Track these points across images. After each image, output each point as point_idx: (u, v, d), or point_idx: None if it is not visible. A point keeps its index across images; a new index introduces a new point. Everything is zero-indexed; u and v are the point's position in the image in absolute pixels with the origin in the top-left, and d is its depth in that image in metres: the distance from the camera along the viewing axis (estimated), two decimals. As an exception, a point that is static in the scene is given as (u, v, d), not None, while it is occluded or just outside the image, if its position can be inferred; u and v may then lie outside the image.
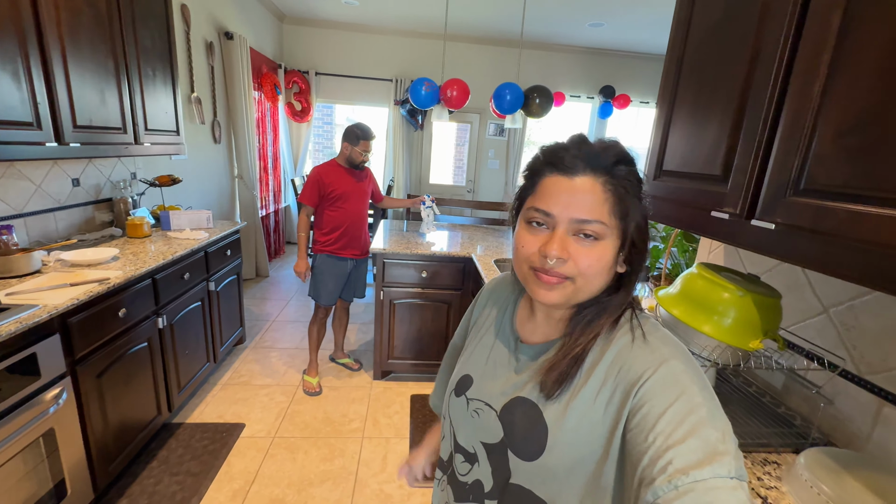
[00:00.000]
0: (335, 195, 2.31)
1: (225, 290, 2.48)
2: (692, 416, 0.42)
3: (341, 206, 2.34)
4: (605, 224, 0.49)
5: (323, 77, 4.99)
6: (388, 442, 2.06)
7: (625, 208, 0.50)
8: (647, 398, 0.45)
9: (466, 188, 5.66)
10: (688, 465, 0.39)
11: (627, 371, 0.48)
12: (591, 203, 0.50)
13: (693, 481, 0.38)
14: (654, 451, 0.41)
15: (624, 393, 0.48)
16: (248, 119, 3.73)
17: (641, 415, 0.44)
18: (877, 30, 0.58)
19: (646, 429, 0.43)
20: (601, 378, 0.50)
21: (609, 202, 0.50)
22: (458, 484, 0.65)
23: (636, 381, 0.47)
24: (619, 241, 0.51)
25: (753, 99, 0.78)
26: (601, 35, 4.65)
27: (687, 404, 0.43)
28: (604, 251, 0.50)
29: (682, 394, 0.44)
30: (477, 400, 0.62)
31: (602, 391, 0.50)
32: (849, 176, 0.60)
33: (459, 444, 0.64)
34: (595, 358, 0.52)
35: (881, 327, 0.83)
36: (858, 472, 0.74)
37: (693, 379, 0.45)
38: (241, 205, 3.94)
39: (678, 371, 0.46)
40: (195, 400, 2.25)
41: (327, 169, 2.33)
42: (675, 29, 1.04)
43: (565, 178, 0.51)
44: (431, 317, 2.47)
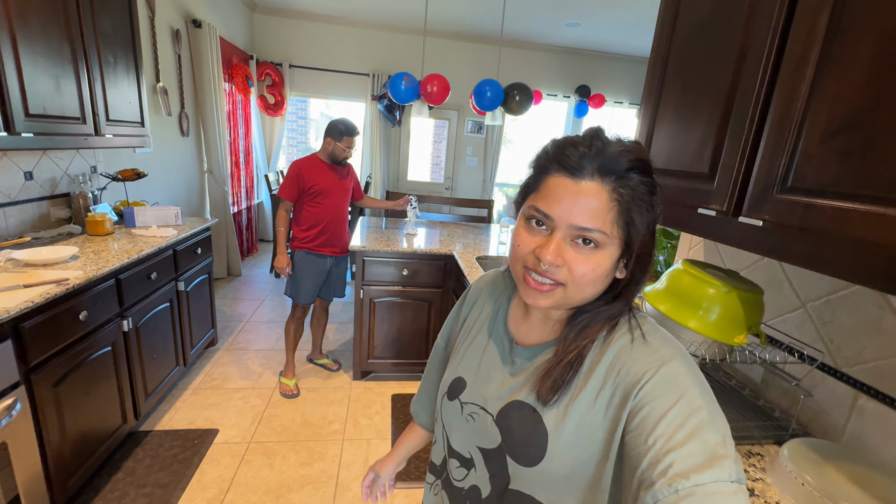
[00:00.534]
0: (315, 190, 2.26)
1: (195, 291, 2.37)
2: (693, 419, 0.41)
3: (321, 202, 2.28)
4: (605, 234, 0.47)
5: (297, 70, 4.84)
6: (369, 443, 2.02)
7: (630, 218, 0.47)
8: (648, 400, 0.44)
9: (444, 185, 5.64)
10: (688, 469, 0.38)
11: (627, 372, 0.48)
12: (594, 210, 0.47)
13: (693, 485, 0.37)
14: (654, 453, 0.41)
15: (624, 394, 0.47)
16: (219, 111, 3.58)
17: (642, 416, 0.44)
18: (864, 33, 0.59)
19: (646, 431, 0.43)
20: (600, 380, 0.50)
21: (614, 211, 0.47)
22: (453, 489, 0.64)
23: (636, 382, 0.46)
24: (619, 250, 0.49)
25: (740, 99, 0.79)
26: (577, 35, 4.71)
27: (687, 407, 0.42)
28: (601, 261, 0.48)
29: (682, 396, 0.43)
30: (472, 404, 0.60)
31: (602, 393, 0.49)
32: (837, 174, 0.61)
33: (454, 449, 0.63)
34: (594, 360, 0.51)
35: (857, 322, 0.86)
36: (838, 462, 0.77)
37: (694, 381, 0.45)
38: (212, 201, 3.78)
39: (679, 372, 0.45)
40: (164, 406, 2.14)
41: (308, 163, 2.28)
42: (660, 29, 1.05)
43: (571, 180, 0.48)
44: (412, 315, 2.44)
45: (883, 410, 0.81)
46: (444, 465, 0.66)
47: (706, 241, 1.31)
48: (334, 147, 2.25)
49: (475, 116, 5.31)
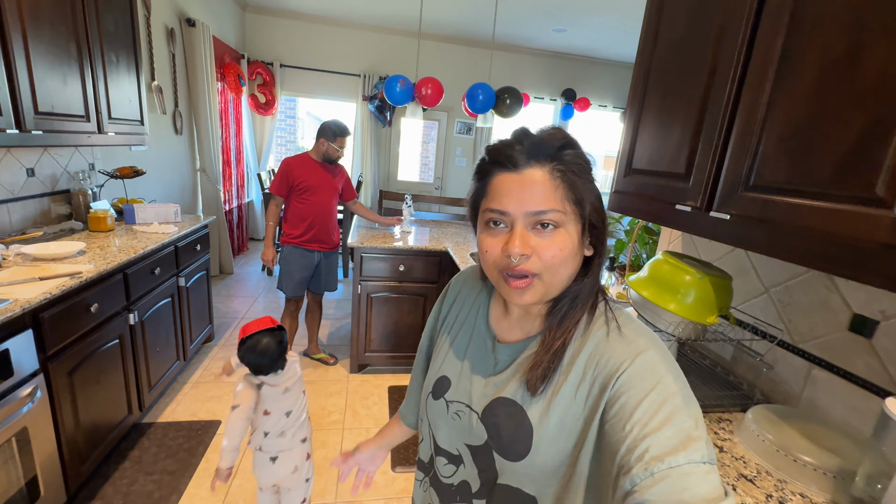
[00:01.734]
0: (302, 186, 2.35)
1: (194, 286, 2.42)
2: (667, 405, 0.43)
3: (308, 198, 2.37)
4: (559, 211, 0.49)
5: (288, 69, 4.87)
6: (368, 432, 2.10)
7: (578, 192, 0.50)
8: (625, 389, 0.46)
9: (434, 185, 5.73)
10: (663, 453, 0.40)
11: (605, 364, 0.49)
12: (543, 193, 0.49)
13: (668, 467, 0.39)
14: (631, 439, 0.42)
15: (602, 385, 0.49)
16: (212, 110, 3.60)
17: (619, 405, 0.45)
18: (809, 57, 0.71)
19: (623, 419, 0.44)
20: (580, 373, 0.51)
21: (561, 188, 0.49)
22: (442, 486, 0.64)
23: (614, 372, 0.48)
24: (578, 227, 0.51)
25: (711, 107, 0.91)
26: (564, 40, 4.87)
27: (662, 393, 0.44)
28: (564, 239, 0.49)
29: (657, 383, 0.45)
30: (457, 402, 0.61)
31: (581, 385, 0.51)
32: (788, 174, 0.73)
33: (440, 447, 0.63)
34: (573, 353, 0.53)
35: (809, 303, 0.99)
36: (794, 422, 0.89)
37: (667, 368, 0.47)
38: (204, 199, 3.80)
39: (654, 361, 0.47)
40: (165, 399, 2.18)
41: (298, 161, 2.37)
42: (643, 42, 1.16)
43: (514, 174, 0.50)
44: (408, 309, 2.53)
45: (831, 378, 0.94)
46: (432, 462, 0.66)
47: (683, 234, 1.44)
48: (328, 147, 2.34)
49: (464, 118, 5.43)
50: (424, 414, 0.67)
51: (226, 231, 3.96)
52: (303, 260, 2.43)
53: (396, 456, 1.93)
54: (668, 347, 0.56)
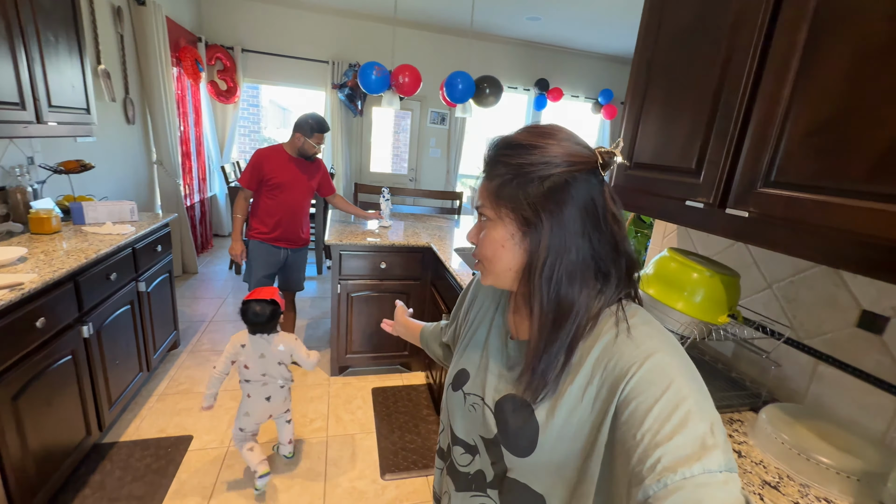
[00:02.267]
0: (273, 183, 2.21)
1: (156, 291, 2.22)
2: (679, 411, 0.41)
3: (277, 195, 2.24)
4: (487, 207, 0.55)
5: (250, 54, 4.58)
6: (353, 438, 2.01)
7: (505, 195, 0.53)
8: (635, 395, 0.44)
9: (408, 177, 5.60)
10: (676, 463, 0.38)
11: (614, 367, 0.47)
12: (482, 193, 0.57)
13: (682, 479, 0.37)
14: (642, 449, 0.41)
15: (610, 389, 0.47)
16: (167, 97, 3.32)
17: (629, 412, 0.44)
18: (840, 47, 0.67)
19: (634, 426, 0.43)
20: (587, 375, 0.50)
21: (488, 189, 0.55)
22: (458, 474, 0.66)
23: (622, 376, 0.46)
24: (512, 222, 0.53)
25: (725, 100, 0.86)
26: (538, 29, 4.82)
27: (674, 398, 0.42)
28: (491, 229, 0.55)
29: (668, 388, 0.43)
30: (473, 395, 0.63)
31: (589, 388, 0.49)
32: (816, 171, 0.70)
33: (458, 437, 0.65)
34: (581, 355, 0.51)
35: (816, 299, 0.98)
36: (807, 421, 0.88)
37: (680, 370, 0.45)
38: (163, 194, 3.53)
39: (664, 364, 0.45)
40: (128, 415, 2.00)
41: (271, 153, 2.22)
42: (645, 30, 1.11)
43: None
44: (390, 308, 2.42)
45: (839, 375, 0.93)
46: (449, 451, 0.68)
47: (679, 228, 1.42)
48: (304, 143, 2.20)
49: (438, 107, 5.30)
50: (445, 404, 0.70)
51: (188, 228, 3.71)
52: (269, 257, 2.31)
53: (386, 462, 1.86)
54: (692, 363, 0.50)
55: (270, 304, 1.60)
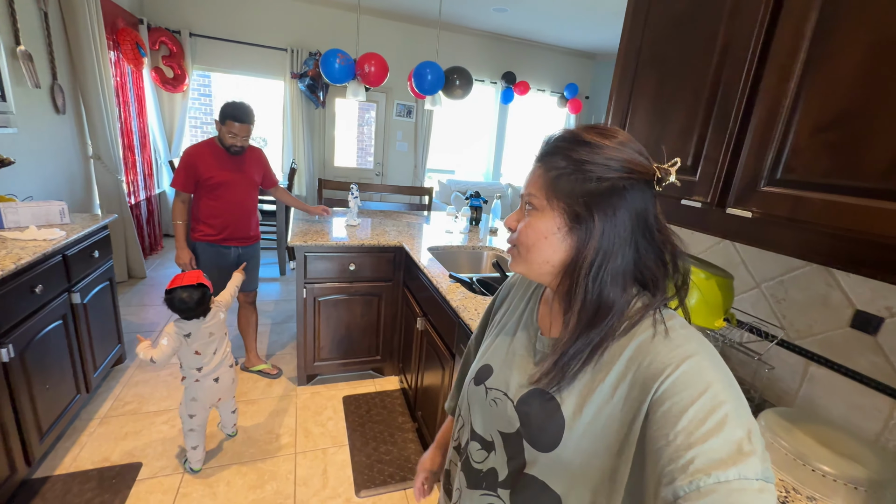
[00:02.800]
0: (212, 183, 2.04)
1: (95, 302, 1.99)
2: (716, 414, 0.41)
3: (220, 195, 2.08)
4: (538, 196, 0.54)
5: (200, 39, 4.25)
6: (325, 453, 1.88)
7: (560, 188, 0.52)
8: (670, 395, 0.44)
9: (375, 171, 5.42)
10: (710, 465, 0.38)
11: (648, 366, 0.47)
12: (533, 180, 0.55)
13: (716, 482, 0.37)
14: (674, 448, 0.40)
15: (643, 388, 0.47)
16: (105, 84, 3.00)
17: (663, 411, 0.43)
18: (855, 33, 0.62)
19: (667, 426, 0.42)
20: (620, 372, 0.49)
21: (542, 179, 0.54)
22: (472, 471, 0.65)
23: (657, 376, 0.46)
24: (560, 218, 0.53)
25: (724, 92, 0.81)
26: (504, 21, 4.76)
27: (711, 401, 0.41)
28: (537, 220, 0.54)
29: (705, 390, 0.42)
30: (495, 389, 0.62)
31: (621, 385, 0.49)
32: (828, 168, 0.65)
33: (476, 432, 0.65)
34: (614, 352, 0.51)
35: (807, 298, 0.96)
36: (803, 425, 0.85)
37: (718, 375, 0.44)
38: (102, 193, 3.20)
39: (702, 367, 0.45)
40: (65, 443, 1.78)
41: (201, 151, 2.04)
42: (631, 20, 1.04)
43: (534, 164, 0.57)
44: (361, 311, 2.31)
45: (830, 375, 0.92)
46: (466, 447, 0.68)
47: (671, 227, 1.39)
48: (220, 131, 2.02)
49: (404, 99, 5.15)
50: (465, 399, 0.70)
51: (133, 229, 3.39)
52: (219, 258, 2.16)
53: (360, 478, 1.75)
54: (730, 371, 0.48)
55: (198, 288, 1.53)
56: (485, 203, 2.78)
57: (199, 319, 1.56)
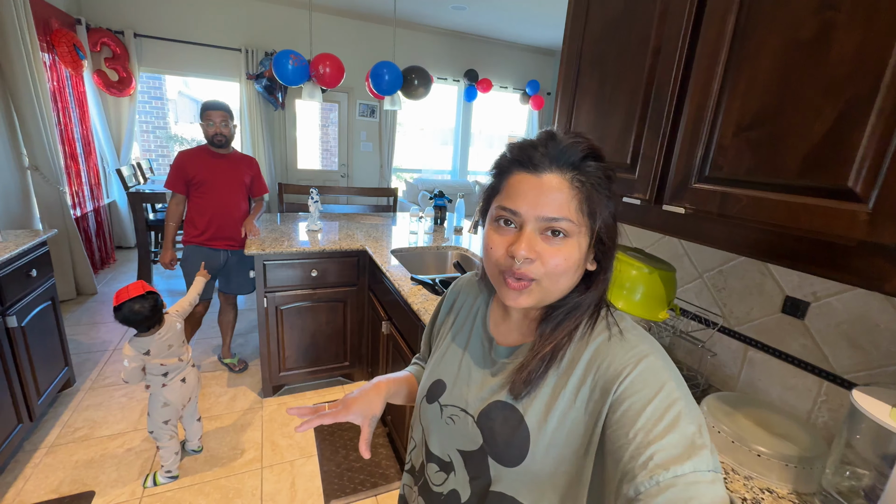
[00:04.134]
0: (197, 181, 2.16)
1: (35, 324, 1.86)
2: (671, 411, 0.43)
3: (205, 192, 2.18)
4: (572, 222, 0.49)
5: (146, 40, 4.04)
6: (293, 465, 1.84)
7: (592, 206, 0.50)
8: (628, 394, 0.45)
9: (340, 173, 5.33)
10: (668, 460, 0.40)
11: (607, 368, 0.48)
12: (558, 201, 0.48)
13: (674, 476, 0.39)
14: (635, 446, 0.42)
15: (603, 389, 0.48)
16: (39, 90, 2.80)
17: (622, 411, 0.45)
18: (769, 36, 0.65)
19: (627, 424, 0.44)
20: (580, 377, 0.50)
21: (577, 199, 0.49)
22: (431, 494, 0.62)
23: (616, 377, 0.47)
24: (587, 239, 0.51)
25: (657, 92, 0.84)
26: (464, 18, 4.77)
27: (666, 399, 0.44)
28: (571, 250, 0.50)
29: (661, 389, 0.44)
30: (452, 406, 0.60)
31: (582, 390, 0.50)
32: (750, 165, 0.69)
33: (433, 453, 0.62)
34: (573, 357, 0.52)
35: (744, 287, 1.01)
36: (744, 409, 0.90)
37: (670, 374, 0.47)
38: (42, 205, 2.99)
39: (657, 367, 0.47)
40: (6, 477, 1.65)
41: (192, 152, 2.19)
42: (573, 21, 1.06)
43: (532, 175, 0.50)
44: (326, 318, 2.26)
45: (767, 359, 0.97)
46: (423, 469, 0.65)
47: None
48: (203, 130, 2.13)
49: (367, 99, 5.08)
50: (417, 419, 0.66)
51: (80, 242, 3.19)
52: (206, 259, 2.18)
53: (330, 488, 1.72)
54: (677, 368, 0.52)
55: (148, 297, 1.50)
56: (449, 202, 2.79)
57: (156, 335, 1.53)
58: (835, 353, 0.85)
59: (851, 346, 0.83)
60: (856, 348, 0.82)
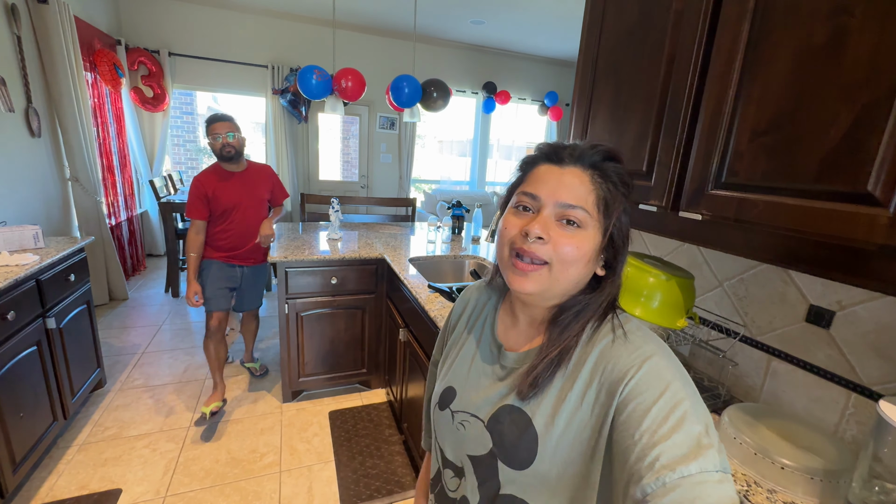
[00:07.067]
0: (221, 209, 2.06)
1: (72, 326, 1.95)
2: (677, 411, 0.43)
3: (232, 218, 2.10)
4: (588, 213, 0.50)
5: (179, 59, 4.25)
6: (310, 470, 1.86)
7: (608, 203, 0.52)
8: (633, 395, 0.45)
9: (360, 184, 5.44)
10: (674, 461, 0.39)
11: (612, 370, 0.49)
12: (577, 190, 0.51)
13: (680, 477, 0.39)
14: (641, 447, 0.42)
15: (609, 391, 0.48)
16: (82, 107, 2.99)
17: (628, 412, 0.45)
18: (783, 42, 0.65)
19: (632, 426, 0.44)
20: (586, 379, 0.51)
21: (594, 194, 0.51)
22: (447, 500, 0.63)
23: (621, 378, 0.47)
24: (600, 236, 0.52)
25: (672, 100, 0.84)
26: (483, 32, 4.85)
27: (671, 399, 0.44)
28: (584, 240, 0.51)
29: (666, 389, 0.44)
30: (462, 412, 0.60)
31: (588, 392, 0.50)
32: (766, 171, 0.68)
33: (447, 459, 0.63)
34: (578, 359, 0.52)
35: (766, 295, 0.99)
36: (767, 420, 0.87)
37: (675, 374, 0.46)
38: (81, 215, 3.16)
39: (661, 367, 0.47)
40: (41, 473, 1.73)
41: (207, 176, 2.06)
42: (588, 32, 1.08)
43: (556, 166, 0.53)
44: (345, 325, 2.30)
45: (791, 370, 0.94)
46: (439, 476, 0.66)
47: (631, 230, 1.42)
48: (210, 145, 2.05)
49: (387, 112, 5.19)
50: (433, 426, 0.68)
51: (114, 250, 3.35)
52: (220, 272, 2.14)
53: (346, 493, 1.73)
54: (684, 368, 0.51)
55: None
56: (467, 212, 2.81)
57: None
58: (862, 364, 0.82)
59: (880, 357, 0.80)
60: (885, 359, 0.79)
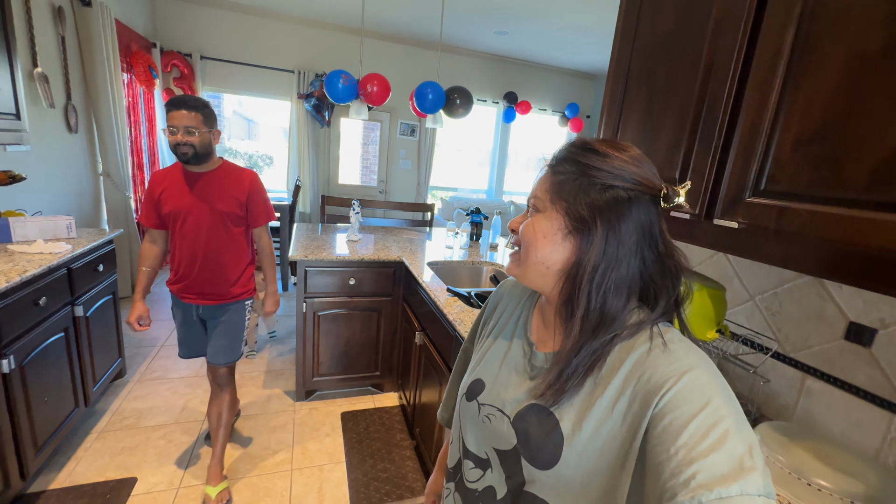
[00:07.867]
0: (166, 212, 1.54)
1: (97, 315, 2.01)
2: (717, 428, 0.40)
3: (178, 227, 1.56)
4: (542, 199, 0.55)
5: (209, 62, 4.39)
6: (321, 470, 1.85)
7: (561, 187, 0.54)
8: (670, 409, 0.43)
9: (378, 189, 5.49)
10: (712, 481, 0.37)
11: (648, 380, 0.47)
12: (540, 184, 0.57)
13: (718, 498, 0.37)
14: (676, 463, 0.40)
15: (643, 402, 0.46)
16: (117, 105, 3.10)
17: (663, 426, 0.43)
18: (832, 50, 0.64)
19: (668, 440, 0.42)
20: (618, 387, 0.49)
21: (549, 181, 0.56)
22: (467, 491, 0.63)
23: (657, 390, 0.45)
24: (561, 216, 0.53)
25: (709, 108, 0.83)
26: (506, 43, 4.88)
27: (712, 416, 0.41)
28: (539, 220, 0.55)
29: (706, 405, 0.42)
30: (489, 405, 0.61)
31: (620, 400, 0.48)
32: (811, 179, 0.66)
33: (469, 450, 0.63)
34: (611, 366, 0.50)
35: (802, 311, 0.95)
36: (801, 440, 0.84)
37: (718, 390, 0.44)
38: (110, 209, 3.26)
39: (703, 381, 0.44)
40: (60, 458, 1.77)
41: (164, 173, 1.58)
42: (621, 40, 1.08)
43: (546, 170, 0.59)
44: (360, 327, 2.31)
45: (828, 389, 0.90)
46: (458, 466, 0.66)
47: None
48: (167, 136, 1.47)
49: (408, 118, 5.25)
50: (457, 416, 0.68)
51: (139, 244, 3.44)
52: (179, 313, 1.67)
53: (357, 496, 1.72)
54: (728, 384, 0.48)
55: None
56: (485, 219, 2.81)
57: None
58: (907, 386, 0.79)
59: (926, 379, 0.76)
60: (932, 381, 0.75)
